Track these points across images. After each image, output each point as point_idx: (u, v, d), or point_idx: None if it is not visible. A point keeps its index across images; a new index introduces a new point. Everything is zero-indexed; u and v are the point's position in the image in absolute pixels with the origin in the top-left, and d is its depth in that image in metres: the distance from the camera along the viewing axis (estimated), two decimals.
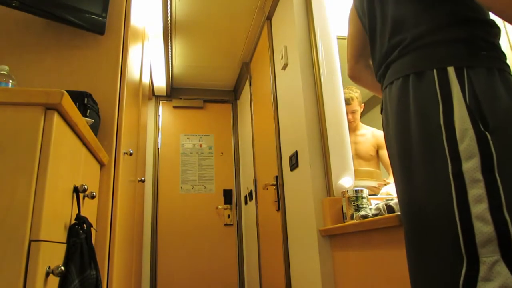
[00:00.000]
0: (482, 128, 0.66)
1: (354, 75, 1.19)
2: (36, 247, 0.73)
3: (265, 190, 2.83)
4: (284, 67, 2.41)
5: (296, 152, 2.17)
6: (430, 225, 0.68)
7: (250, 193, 3.46)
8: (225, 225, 3.81)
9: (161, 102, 4.07)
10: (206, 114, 4.15)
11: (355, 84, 1.27)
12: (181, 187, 3.84)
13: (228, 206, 3.86)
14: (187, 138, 4.01)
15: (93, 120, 1.24)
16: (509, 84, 0.73)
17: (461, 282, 0.61)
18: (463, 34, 0.75)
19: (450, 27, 0.76)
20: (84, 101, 1.26)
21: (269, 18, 2.80)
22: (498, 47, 0.76)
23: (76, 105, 1.09)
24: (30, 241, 0.73)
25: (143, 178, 2.70)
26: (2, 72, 1.03)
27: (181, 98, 4.10)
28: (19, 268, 0.71)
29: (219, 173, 3.96)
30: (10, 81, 1.05)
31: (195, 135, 4.05)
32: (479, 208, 0.62)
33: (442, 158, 0.67)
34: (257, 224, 3.19)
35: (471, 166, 0.64)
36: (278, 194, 2.50)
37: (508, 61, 0.79)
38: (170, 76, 3.82)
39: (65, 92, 0.82)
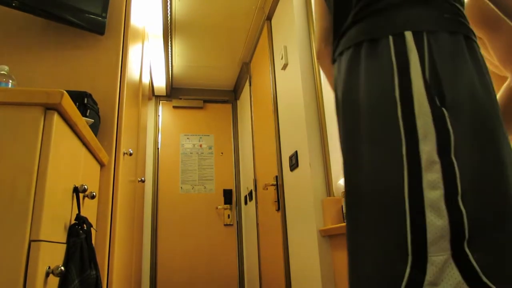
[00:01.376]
0: (439, 104, 0.57)
1: (320, 58, 1.07)
2: (36, 247, 0.73)
3: (265, 190, 2.83)
4: (284, 67, 2.41)
5: (296, 152, 2.17)
6: (374, 214, 0.57)
7: (250, 193, 3.46)
8: (225, 225, 3.81)
9: (161, 102, 4.07)
10: (206, 114, 4.15)
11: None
12: (181, 187, 3.84)
13: (228, 206, 3.86)
14: (187, 138, 4.01)
15: (93, 120, 1.24)
16: (477, 54, 0.64)
17: (403, 286, 0.50)
18: None
19: None
20: (84, 101, 1.26)
21: (269, 18, 2.80)
22: (463, 11, 0.67)
23: (76, 105, 1.09)
24: (30, 241, 0.73)
25: (143, 178, 2.70)
26: (2, 72, 1.03)
27: (181, 98, 4.10)
28: (19, 268, 0.71)
29: (219, 173, 3.96)
30: (10, 81, 1.05)
31: (195, 135, 4.05)
32: (434, 195, 0.52)
33: (394, 135, 0.58)
34: (257, 224, 3.19)
35: (427, 146, 0.55)
36: (278, 194, 2.50)
37: None
38: (170, 76, 3.82)
39: (65, 92, 0.82)
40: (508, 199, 0.54)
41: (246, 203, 3.72)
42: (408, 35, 0.62)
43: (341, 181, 1.90)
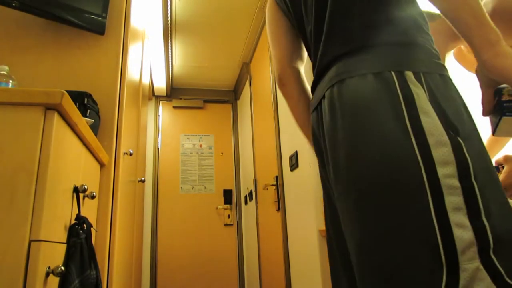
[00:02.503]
0: (453, 134, 0.63)
1: (286, 83, 1.00)
2: (36, 247, 0.73)
3: (265, 190, 2.83)
4: None
5: (296, 152, 2.17)
6: (403, 235, 0.62)
7: (250, 193, 3.46)
8: (225, 225, 3.81)
9: (161, 102, 4.07)
10: (206, 114, 4.15)
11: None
12: (181, 187, 3.84)
13: (228, 206, 3.86)
14: (187, 138, 4.02)
15: (93, 120, 1.24)
16: (457, 89, 0.71)
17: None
18: (418, 40, 0.72)
19: (406, 28, 0.73)
20: (84, 101, 1.26)
21: None
22: (439, 56, 0.74)
23: (76, 105, 1.10)
24: (30, 241, 0.73)
25: (143, 178, 2.70)
26: (2, 72, 1.04)
27: (181, 98, 4.10)
28: (19, 268, 0.71)
29: (219, 173, 3.96)
30: (10, 81, 1.05)
31: (195, 135, 4.05)
32: (458, 215, 0.59)
33: (413, 165, 0.62)
34: (257, 224, 3.19)
35: (447, 172, 0.61)
36: (278, 194, 2.50)
37: None
38: (170, 76, 3.82)
39: (65, 92, 0.82)
40: (510, 210, 0.63)
41: (246, 203, 3.72)
42: (409, 74, 0.68)
43: None
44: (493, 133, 0.76)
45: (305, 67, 1.03)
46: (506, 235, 0.60)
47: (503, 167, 0.95)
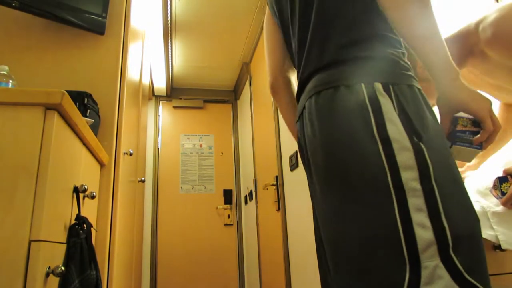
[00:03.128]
0: (416, 140, 0.69)
1: (278, 91, 1.10)
2: (36, 247, 0.73)
3: (265, 190, 2.83)
4: None
5: (296, 152, 2.17)
6: (370, 233, 0.68)
7: (250, 193, 3.46)
8: (225, 225, 3.81)
9: (161, 102, 4.07)
10: (206, 114, 4.15)
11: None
12: (181, 187, 3.84)
13: (228, 206, 3.86)
14: (187, 138, 4.02)
15: (93, 120, 1.24)
16: (426, 100, 0.77)
17: (405, 286, 0.63)
18: (388, 54, 0.78)
19: (376, 44, 0.79)
20: (84, 101, 1.26)
21: None
22: (411, 69, 0.80)
23: (76, 105, 1.10)
24: (30, 241, 0.73)
25: (143, 178, 2.70)
26: (2, 72, 1.03)
27: (181, 98, 4.10)
28: (19, 268, 0.71)
29: (219, 173, 3.96)
30: (10, 81, 1.05)
31: (195, 135, 4.05)
32: (420, 215, 0.64)
33: (380, 170, 0.68)
34: (257, 224, 3.19)
35: (409, 176, 0.66)
36: (278, 194, 2.50)
37: None
38: (170, 76, 3.82)
39: (65, 92, 0.82)
40: (473, 212, 0.68)
41: (246, 203, 3.72)
42: (378, 85, 0.74)
43: None
44: None
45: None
46: (465, 234, 0.65)
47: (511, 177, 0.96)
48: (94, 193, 1.09)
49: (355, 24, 0.81)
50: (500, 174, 0.99)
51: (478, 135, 0.76)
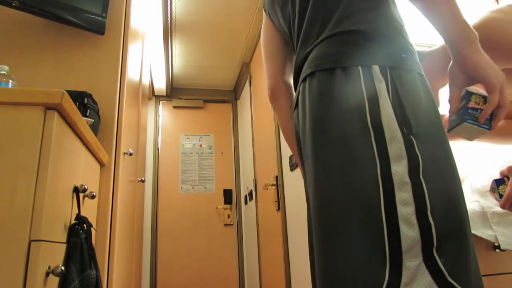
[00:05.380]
0: (406, 131, 0.66)
1: (279, 97, 1.03)
2: (36, 247, 0.73)
3: (265, 190, 2.83)
4: None
5: None
6: (350, 228, 0.64)
7: (250, 193, 3.46)
8: (225, 225, 3.81)
9: (161, 102, 4.07)
10: (206, 114, 4.15)
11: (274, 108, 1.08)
12: (181, 187, 3.84)
13: (228, 206, 3.86)
14: (187, 138, 4.02)
15: (93, 120, 1.24)
16: (428, 88, 0.73)
17: (384, 286, 0.59)
18: (388, 35, 0.75)
19: (377, 27, 0.75)
20: (84, 101, 1.26)
21: None
22: (415, 53, 0.77)
23: (76, 105, 1.10)
24: (30, 241, 0.73)
25: (143, 178, 2.70)
26: (2, 72, 1.04)
27: (181, 98, 4.10)
28: (19, 268, 0.71)
29: (219, 173, 3.96)
30: (10, 81, 1.05)
31: (195, 135, 4.05)
32: (406, 210, 0.61)
33: (369, 159, 0.65)
34: (257, 224, 3.19)
35: (399, 168, 0.63)
36: (278, 194, 2.50)
37: None
38: (170, 76, 3.82)
39: (65, 92, 0.82)
40: (462, 211, 0.65)
41: (246, 203, 3.72)
42: (375, 68, 0.71)
43: None
44: (449, 130, 0.77)
45: None
46: (449, 234, 0.62)
47: (508, 179, 0.94)
48: (94, 193, 1.09)
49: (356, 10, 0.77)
50: (497, 176, 0.98)
51: (487, 114, 0.71)
